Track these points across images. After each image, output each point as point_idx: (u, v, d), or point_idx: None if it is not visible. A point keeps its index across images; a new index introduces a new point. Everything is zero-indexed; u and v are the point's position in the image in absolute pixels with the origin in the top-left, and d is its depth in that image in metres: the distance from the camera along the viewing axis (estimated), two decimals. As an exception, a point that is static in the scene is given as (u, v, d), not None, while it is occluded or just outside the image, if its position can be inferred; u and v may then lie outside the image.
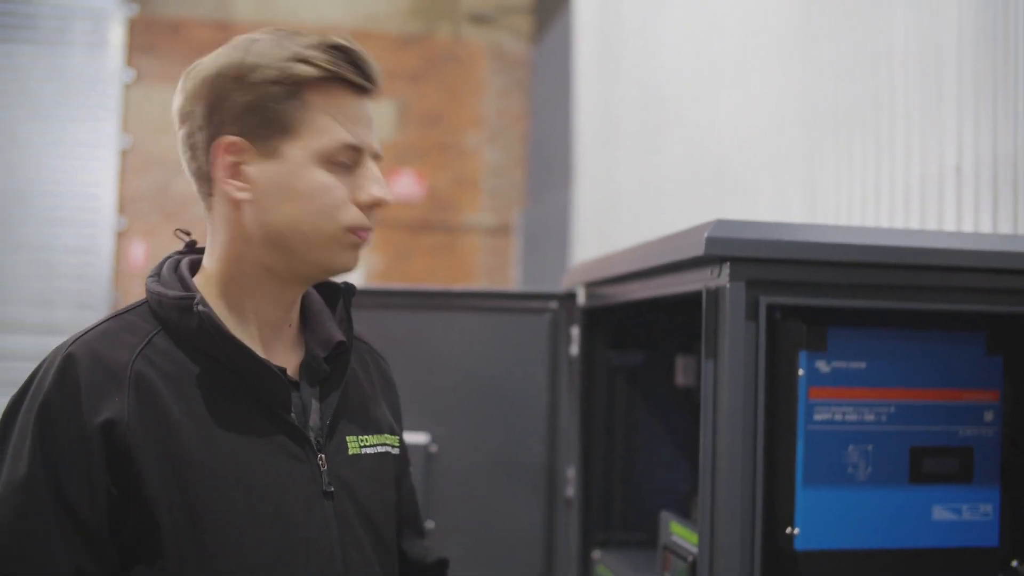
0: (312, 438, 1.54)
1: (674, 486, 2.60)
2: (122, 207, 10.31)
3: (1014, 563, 2.11)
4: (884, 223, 3.52)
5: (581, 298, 2.70)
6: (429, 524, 2.72)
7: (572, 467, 2.71)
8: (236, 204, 1.48)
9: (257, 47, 1.46)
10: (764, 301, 1.80)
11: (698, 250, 1.78)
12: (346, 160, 1.49)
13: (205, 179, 1.51)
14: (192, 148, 1.50)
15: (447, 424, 2.79)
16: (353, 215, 1.51)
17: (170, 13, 10.39)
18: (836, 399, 1.94)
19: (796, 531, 1.94)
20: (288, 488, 1.49)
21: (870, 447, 1.96)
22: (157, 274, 1.53)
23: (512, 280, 9.95)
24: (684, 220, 1.85)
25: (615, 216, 6.80)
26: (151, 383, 1.41)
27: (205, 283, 1.53)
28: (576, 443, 2.68)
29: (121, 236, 10.28)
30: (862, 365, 1.96)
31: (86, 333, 1.46)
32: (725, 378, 1.79)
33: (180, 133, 1.52)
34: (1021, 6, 2.90)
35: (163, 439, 1.40)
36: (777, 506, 1.98)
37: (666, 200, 5.71)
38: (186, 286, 1.48)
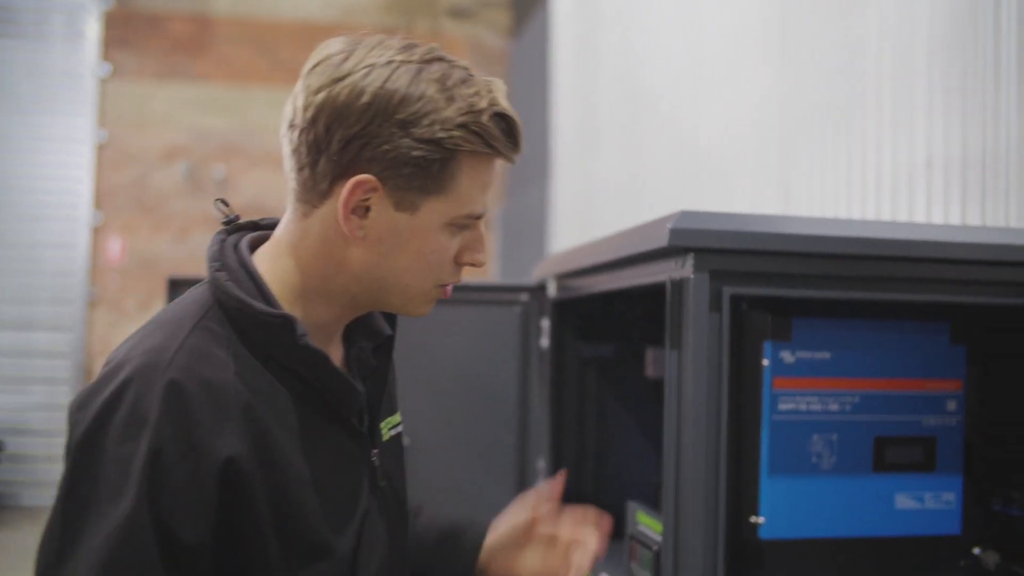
0: (367, 435, 1.54)
1: (644, 477, 2.61)
2: (98, 202, 10.28)
3: (976, 550, 2.13)
4: (857, 215, 3.54)
5: (552, 290, 2.71)
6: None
7: (543, 458, 2.72)
8: (342, 235, 1.39)
9: (424, 89, 1.34)
10: (728, 292, 1.81)
11: (662, 241, 1.79)
12: (467, 224, 1.45)
13: (315, 194, 1.39)
14: (312, 163, 1.37)
15: (419, 415, 2.80)
16: (450, 273, 1.47)
17: (147, 7, 10.36)
18: (801, 389, 1.96)
19: (761, 520, 1.95)
20: (357, 493, 1.49)
21: (834, 436, 1.98)
22: (222, 263, 1.42)
23: (491, 274, 9.94)
24: (662, 214, 1.85)
25: (594, 210, 6.81)
26: (254, 409, 1.34)
27: (269, 276, 1.43)
28: (547, 434, 2.70)
29: (97, 231, 10.25)
30: (826, 355, 1.97)
31: (176, 352, 1.31)
32: (689, 369, 1.80)
33: (296, 135, 1.39)
34: (990, 7, 2.92)
35: (269, 467, 1.34)
36: (742, 495, 2.00)
37: (645, 194, 5.73)
38: (266, 296, 1.39)
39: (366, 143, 1.34)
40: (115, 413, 1.27)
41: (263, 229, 1.53)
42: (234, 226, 1.52)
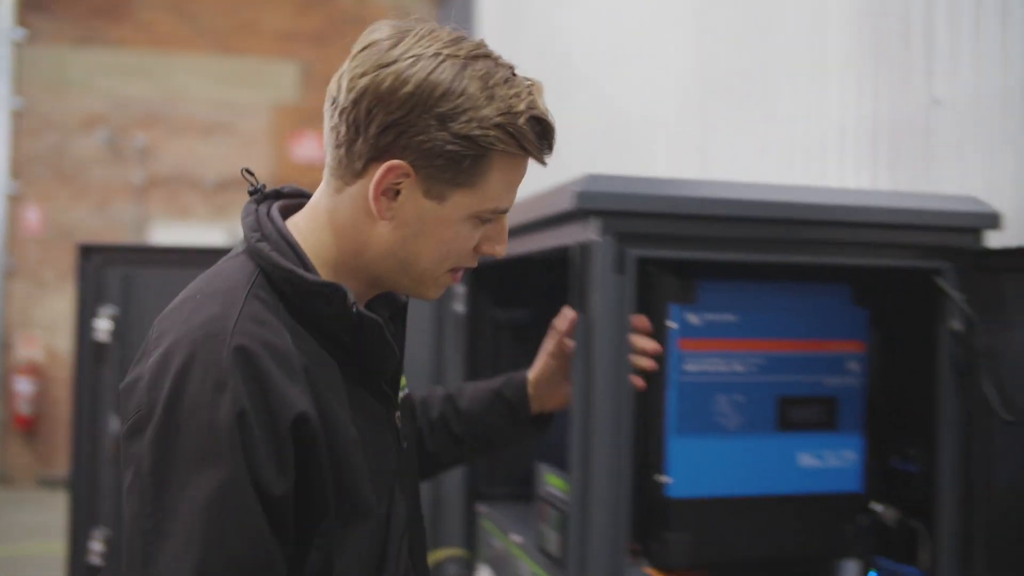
0: (392, 398, 1.58)
1: (559, 440, 2.64)
2: (15, 170, 10.07)
3: (876, 507, 2.19)
4: (774, 181, 3.59)
5: (467, 256, 2.71)
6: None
7: (458, 423, 2.73)
8: (371, 214, 1.43)
9: (466, 86, 1.37)
10: (633, 254, 1.83)
11: (569, 204, 1.81)
12: (491, 218, 1.48)
13: (349, 172, 1.42)
14: (349, 142, 1.40)
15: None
16: (467, 260, 1.52)
17: (64, -29, 10.14)
18: (706, 351, 1.99)
19: (667, 479, 1.98)
20: (389, 455, 1.53)
21: (739, 397, 2.02)
22: (262, 234, 1.44)
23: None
24: (581, 179, 1.87)
25: (516, 178, 6.82)
26: (311, 372, 1.38)
27: (306, 246, 1.46)
28: (462, 399, 2.70)
29: (14, 200, 10.05)
30: (731, 317, 2.01)
31: (237, 320, 1.34)
32: (596, 331, 1.82)
33: (337, 113, 1.41)
34: (898, -24, 2.97)
35: (328, 427, 1.38)
36: (650, 455, 2.03)
37: (567, 160, 5.74)
38: (307, 266, 1.42)
39: (403, 131, 1.36)
40: (189, 384, 1.29)
41: (286, 197, 1.57)
42: (261, 195, 1.55)
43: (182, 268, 3.11)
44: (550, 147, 1.45)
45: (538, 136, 1.42)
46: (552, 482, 2.07)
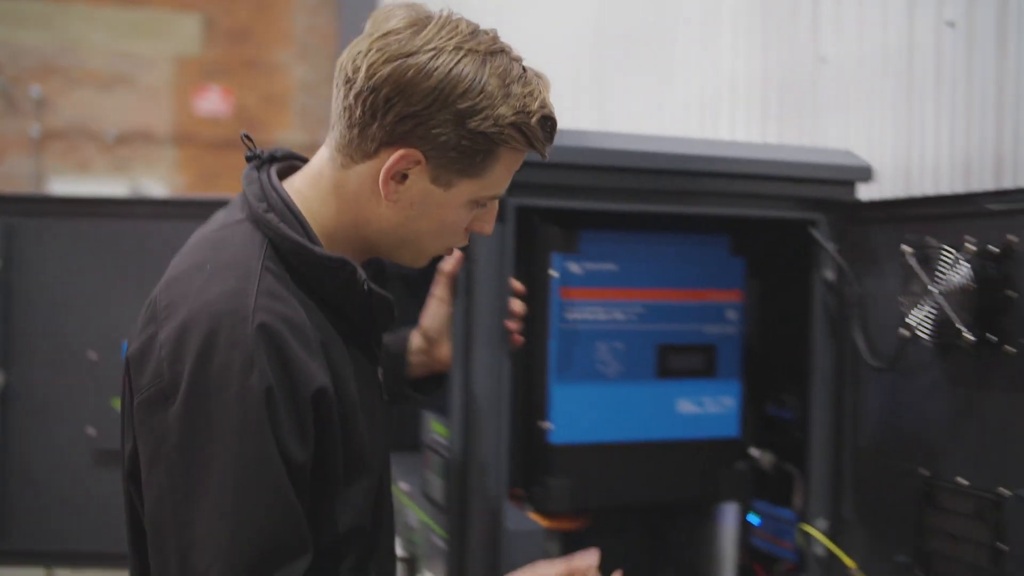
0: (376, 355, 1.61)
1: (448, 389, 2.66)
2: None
3: (753, 452, 2.25)
4: (668, 133, 3.64)
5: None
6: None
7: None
8: (376, 193, 1.44)
9: (486, 83, 1.38)
10: (513, 203, 1.85)
11: (448, 153, 1.81)
12: (487, 202, 1.52)
13: (359, 152, 1.44)
14: (364, 125, 1.41)
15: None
16: (460, 239, 1.56)
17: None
18: (587, 299, 2.02)
19: (549, 426, 2.02)
20: (380, 413, 1.58)
21: (619, 345, 2.05)
22: (268, 204, 1.45)
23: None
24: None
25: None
26: (323, 344, 1.40)
27: (308, 215, 1.48)
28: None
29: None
30: (612, 267, 2.04)
31: (256, 296, 1.34)
32: (477, 279, 1.84)
33: (353, 95, 1.41)
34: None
35: (339, 395, 1.41)
36: (533, 403, 2.06)
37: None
38: (312, 239, 1.44)
39: (421, 123, 1.38)
40: (215, 360, 1.30)
41: (279, 161, 1.57)
42: (259, 160, 1.55)
43: (72, 219, 3.07)
44: (552, 141, 1.51)
45: (546, 134, 1.46)
46: (436, 429, 2.09)
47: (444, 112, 1.38)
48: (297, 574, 1.33)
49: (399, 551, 2.34)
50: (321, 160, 1.50)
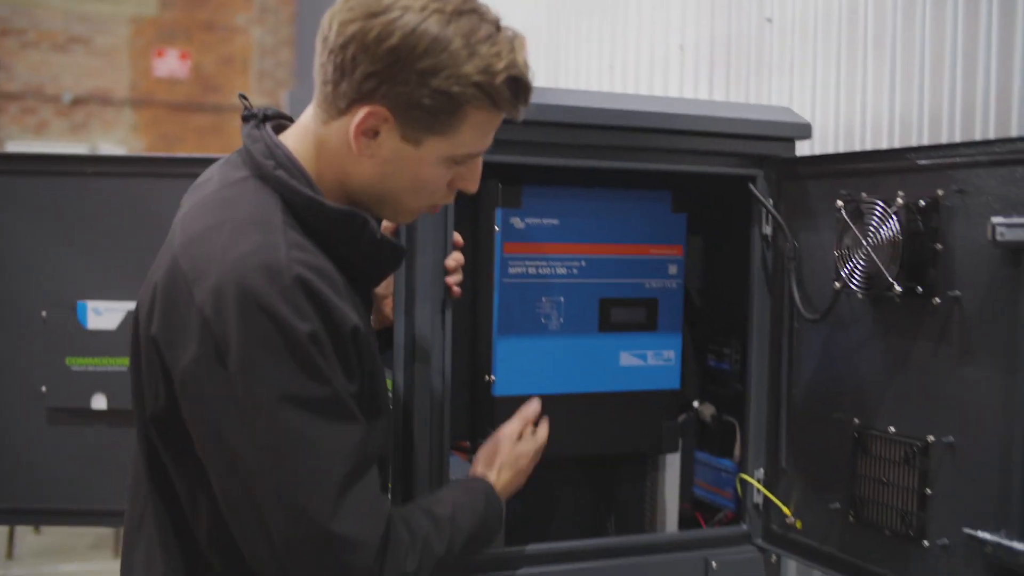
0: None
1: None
2: None
3: (695, 403, 2.30)
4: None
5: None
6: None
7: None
8: (353, 151, 1.48)
9: (449, 42, 1.40)
10: (454, 158, 1.87)
11: (390, 108, 1.83)
12: (465, 161, 1.54)
13: (334, 109, 1.47)
14: (335, 82, 1.45)
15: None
16: (442, 197, 1.59)
17: None
18: (529, 254, 2.05)
19: (493, 378, 2.06)
20: (378, 355, 1.61)
21: (562, 299, 2.09)
22: (277, 162, 1.48)
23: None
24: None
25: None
26: (346, 287, 1.46)
27: (310, 171, 1.51)
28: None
29: None
30: (555, 222, 2.07)
31: (286, 249, 1.38)
32: (417, 233, 1.86)
33: (326, 53, 1.45)
34: None
35: (364, 336, 1.47)
36: (479, 356, 2.10)
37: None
38: (314, 186, 1.48)
39: (385, 81, 1.41)
40: (260, 314, 1.34)
41: (270, 120, 1.60)
42: (256, 119, 1.57)
43: (21, 178, 3.05)
44: (526, 103, 1.52)
45: (514, 94, 1.48)
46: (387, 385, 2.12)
47: (406, 71, 1.40)
48: (375, 487, 1.45)
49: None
50: (307, 117, 1.54)
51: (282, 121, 1.60)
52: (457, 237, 1.90)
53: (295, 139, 1.53)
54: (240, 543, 1.41)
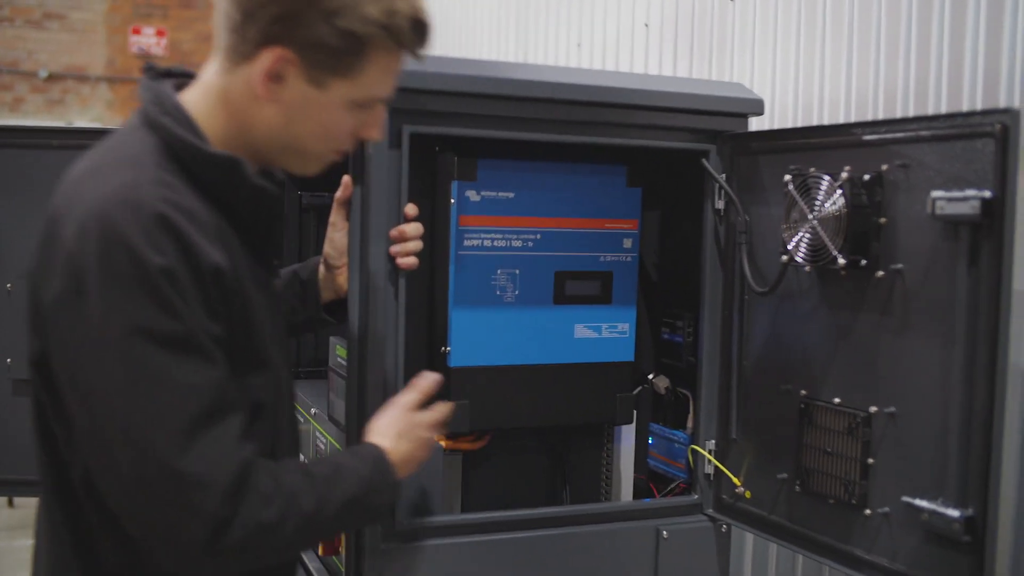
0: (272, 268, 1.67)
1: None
2: None
3: (650, 376, 2.33)
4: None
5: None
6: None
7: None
8: (260, 97, 1.49)
9: None
10: (408, 130, 1.88)
11: (344, 80, 1.84)
12: (370, 105, 1.56)
13: (239, 55, 1.48)
14: (241, 27, 1.46)
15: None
16: (346, 143, 1.60)
17: None
18: (485, 226, 2.07)
19: (448, 349, 2.08)
20: (277, 320, 1.64)
21: (517, 271, 2.11)
22: (163, 108, 1.49)
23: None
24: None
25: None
26: (221, 233, 1.45)
27: (202, 121, 1.52)
28: (266, 280, 2.75)
29: None
30: (510, 195, 2.09)
31: (151, 186, 1.39)
32: (371, 204, 1.87)
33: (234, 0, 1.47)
34: None
35: (238, 284, 1.46)
36: (435, 327, 2.12)
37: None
38: (201, 137, 1.48)
39: (291, 22, 1.43)
40: (118, 248, 1.34)
41: (175, 76, 1.62)
42: (155, 72, 1.59)
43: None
44: (426, 44, 1.55)
45: (416, 35, 1.50)
46: (339, 353, 2.15)
47: (311, 11, 1.42)
48: (235, 432, 1.40)
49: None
50: (210, 71, 1.55)
51: (187, 80, 1.60)
52: (410, 209, 1.92)
53: (197, 93, 1.55)
54: (96, 481, 1.40)
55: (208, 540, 1.35)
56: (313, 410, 2.42)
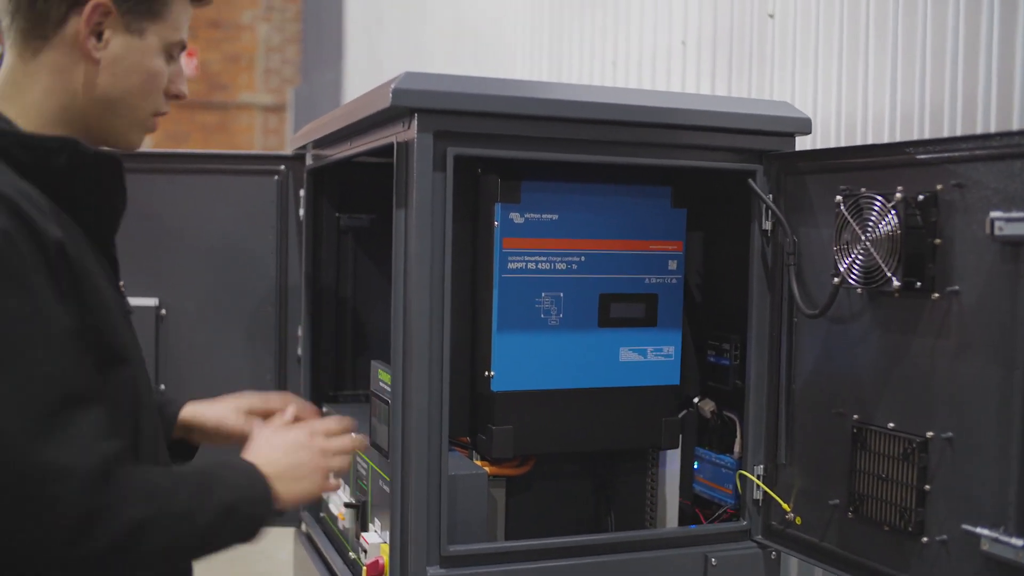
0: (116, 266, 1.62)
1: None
2: None
3: (695, 399, 2.30)
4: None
5: (309, 160, 2.73)
6: (160, 388, 2.74)
7: (301, 326, 2.76)
8: (78, 61, 1.49)
9: None
10: (452, 152, 1.86)
11: (386, 102, 1.83)
12: (174, 54, 1.58)
13: (48, 26, 1.47)
14: (40, 1, 1.46)
15: (176, 287, 2.80)
16: (162, 103, 1.60)
17: None
18: (529, 249, 2.05)
19: (492, 374, 2.05)
20: (127, 317, 1.58)
21: (561, 294, 2.09)
22: None
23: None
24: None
25: (383, 91, 6.87)
26: (59, 216, 1.42)
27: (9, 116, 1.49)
28: (304, 302, 2.74)
29: None
30: (554, 217, 2.07)
31: None
32: (414, 227, 1.85)
33: None
34: None
35: (82, 267, 1.40)
36: (478, 351, 2.09)
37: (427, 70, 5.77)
38: (10, 123, 1.45)
39: None
40: None
41: None
42: None
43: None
44: None
45: None
46: (382, 377, 2.12)
47: None
48: (98, 422, 1.32)
49: (348, 499, 2.38)
50: (7, 69, 1.52)
51: None
52: (360, 441, 1.83)
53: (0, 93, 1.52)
54: None
55: (72, 538, 1.26)
56: (355, 435, 2.39)
